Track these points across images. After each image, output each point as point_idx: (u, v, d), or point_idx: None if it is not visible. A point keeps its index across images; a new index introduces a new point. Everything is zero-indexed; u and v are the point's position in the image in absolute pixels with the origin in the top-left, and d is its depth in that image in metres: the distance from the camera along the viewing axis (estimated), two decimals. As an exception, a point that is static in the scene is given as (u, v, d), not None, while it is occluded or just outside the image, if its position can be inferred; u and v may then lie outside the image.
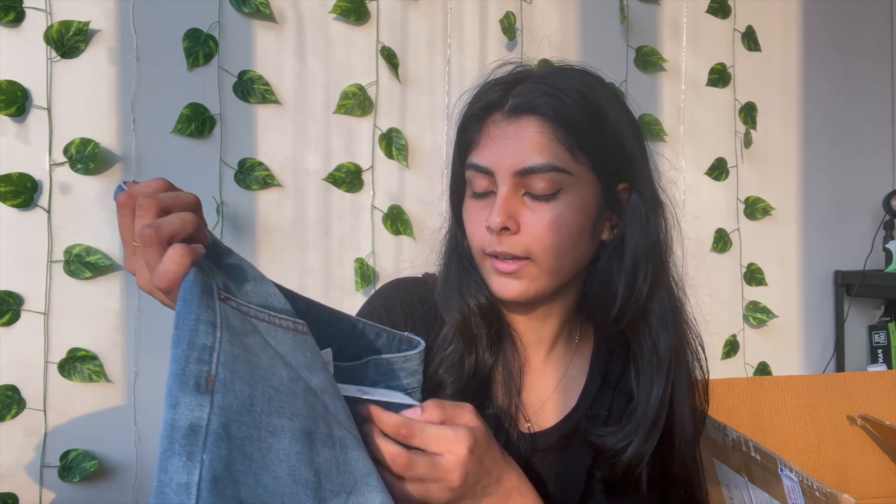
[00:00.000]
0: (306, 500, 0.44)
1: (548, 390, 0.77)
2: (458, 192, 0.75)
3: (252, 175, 1.49)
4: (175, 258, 0.42)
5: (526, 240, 0.67)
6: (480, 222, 0.69)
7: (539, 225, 0.67)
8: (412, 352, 0.60)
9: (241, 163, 1.49)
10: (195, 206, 0.47)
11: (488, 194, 0.70)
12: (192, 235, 0.45)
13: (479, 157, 0.69)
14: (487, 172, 0.68)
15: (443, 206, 0.83)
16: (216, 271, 0.47)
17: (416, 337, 0.61)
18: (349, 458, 0.47)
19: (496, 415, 0.72)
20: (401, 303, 0.77)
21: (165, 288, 0.43)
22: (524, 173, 0.66)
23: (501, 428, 0.72)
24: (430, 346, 0.71)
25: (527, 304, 0.73)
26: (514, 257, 0.67)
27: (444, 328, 0.73)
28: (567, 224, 0.67)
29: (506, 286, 0.69)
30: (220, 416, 0.40)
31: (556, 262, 0.68)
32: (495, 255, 0.68)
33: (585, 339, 0.81)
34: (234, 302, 0.45)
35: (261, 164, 1.50)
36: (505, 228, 0.66)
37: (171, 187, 0.48)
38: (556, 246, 0.67)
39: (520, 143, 0.67)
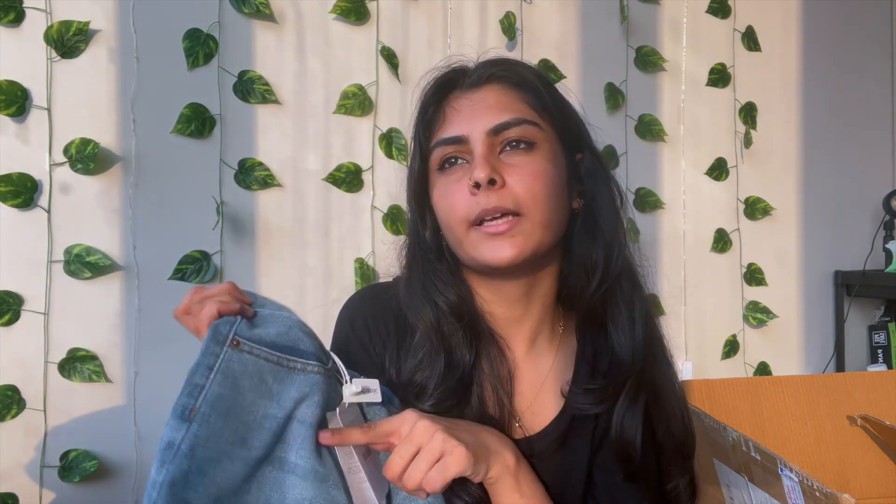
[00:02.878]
0: None
1: (534, 389, 0.74)
2: (421, 184, 0.74)
3: (252, 175, 1.49)
4: (205, 310, 0.58)
5: (514, 190, 0.65)
6: (459, 191, 0.67)
7: (524, 174, 0.66)
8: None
9: (241, 163, 1.49)
10: (232, 289, 0.61)
11: (461, 164, 0.69)
12: (228, 305, 0.58)
13: (448, 130, 0.70)
14: (460, 141, 0.68)
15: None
16: (252, 323, 0.60)
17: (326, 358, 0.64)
18: (286, 481, 0.58)
19: (488, 421, 0.69)
20: (364, 316, 0.75)
21: (193, 328, 0.59)
22: (498, 130, 0.67)
23: None
24: (405, 352, 0.71)
25: (519, 269, 0.69)
26: (505, 213, 0.65)
27: (416, 333, 0.71)
28: (549, 174, 0.68)
29: (500, 249, 0.65)
30: (190, 441, 0.53)
31: (547, 214, 0.67)
32: (482, 221, 0.65)
33: (568, 330, 0.77)
34: (248, 346, 0.57)
35: (261, 164, 1.50)
36: (491, 182, 0.64)
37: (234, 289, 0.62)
38: (545, 195, 0.66)
39: (487, 106, 0.69)
